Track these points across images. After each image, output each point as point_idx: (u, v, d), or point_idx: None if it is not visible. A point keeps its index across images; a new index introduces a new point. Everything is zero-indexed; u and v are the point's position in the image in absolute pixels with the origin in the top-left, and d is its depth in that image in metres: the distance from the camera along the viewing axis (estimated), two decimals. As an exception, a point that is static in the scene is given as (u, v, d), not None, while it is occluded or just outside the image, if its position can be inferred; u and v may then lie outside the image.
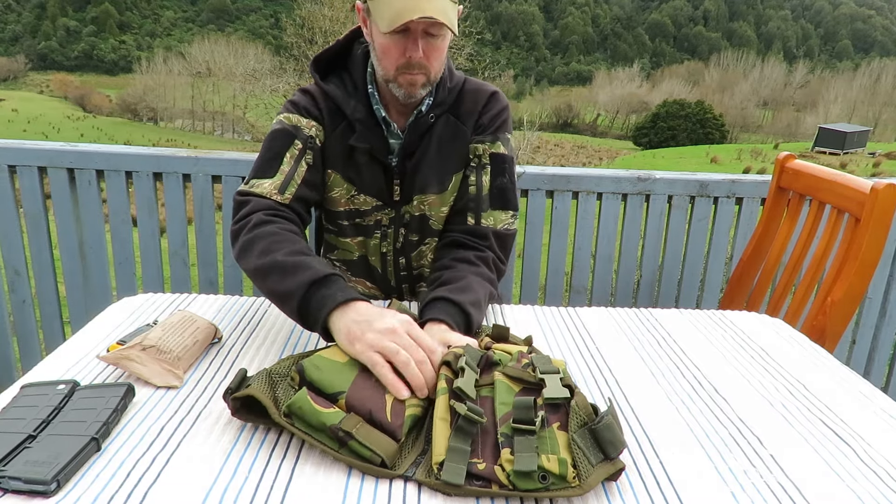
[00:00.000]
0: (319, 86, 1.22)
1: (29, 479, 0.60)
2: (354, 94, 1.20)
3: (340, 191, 1.23)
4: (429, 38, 1.09)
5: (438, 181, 1.23)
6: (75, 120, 59.63)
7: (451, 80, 1.24)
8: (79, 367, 0.86)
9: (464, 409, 0.70)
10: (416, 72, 1.10)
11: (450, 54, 1.21)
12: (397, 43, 1.08)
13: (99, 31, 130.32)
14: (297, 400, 0.70)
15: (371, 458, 0.67)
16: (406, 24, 1.04)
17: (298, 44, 18.83)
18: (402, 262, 1.31)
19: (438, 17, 1.02)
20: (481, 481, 0.65)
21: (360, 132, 1.19)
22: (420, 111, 1.20)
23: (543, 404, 0.72)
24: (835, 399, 0.88)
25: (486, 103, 1.25)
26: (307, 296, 0.89)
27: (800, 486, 0.68)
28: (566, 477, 0.64)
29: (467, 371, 0.77)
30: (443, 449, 0.68)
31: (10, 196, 1.87)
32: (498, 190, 1.23)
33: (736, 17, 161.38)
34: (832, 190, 1.43)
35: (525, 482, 0.64)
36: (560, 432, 0.69)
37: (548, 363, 0.79)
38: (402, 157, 1.21)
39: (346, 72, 1.23)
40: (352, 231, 1.28)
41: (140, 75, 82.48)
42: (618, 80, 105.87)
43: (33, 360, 1.99)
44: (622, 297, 2.02)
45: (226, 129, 69.39)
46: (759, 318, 1.18)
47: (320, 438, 0.69)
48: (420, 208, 1.25)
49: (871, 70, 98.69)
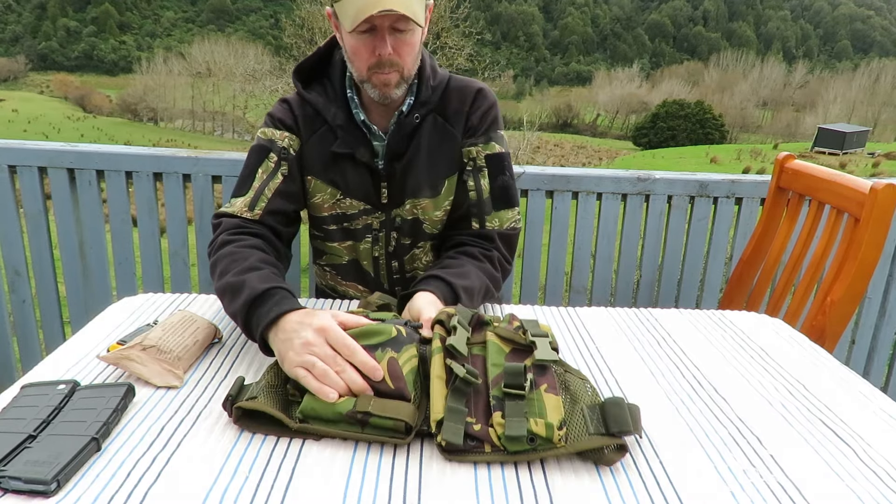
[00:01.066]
0: (300, 94, 1.22)
1: (29, 479, 0.60)
2: (335, 100, 1.20)
3: (323, 196, 1.23)
4: (396, 35, 1.08)
5: (430, 185, 1.22)
6: (75, 120, 59.64)
7: (435, 79, 1.22)
8: (79, 367, 0.86)
9: (462, 370, 0.73)
10: (389, 70, 1.09)
11: (450, 54, 1.21)
12: (365, 43, 1.08)
13: (99, 32, 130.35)
14: (307, 403, 0.73)
15: (395, 426, 0.70)
16: (371, 22, 1.03)
17: (298, 44, 18.81)
18: (395, 265, 1.31)
19: (400, 10, 1.01)
20: (475, 441, 0.69)
21: (342, 138, 1.19)
22: (402, 112, 1.19)
23: (532, 366, 0.76)
24: (835, 399, 0.88)
25: (474, 101, 1.23)
26: (247, 318, 0.89)
27: (799, 486, 0.68)
28: (552, 439, 0.68)
29: (459, 329, 0.81)
30: (441, 408, 0.71)
31: (10, 196, 1.87)
32: (500, 189, 1.23)
33: (735, 17, 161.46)
34: (832, 190, 1.43)
35: (514, 445, 0.68)
36: (548, 395, 0.73)
37: (536, 327, 0.85)
38: (389, 159, 1.21)
39: (326, 79, 1.23)
40: (339, 235, 1.28)
41: (140, 75, 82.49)
42: (617, 80, 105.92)
43: (33, 360, 1.98)
44: (622, 297, 2.02)
45: (226, 129, 69.39)
46: (758, 318, 1.18)
47: (340, 429, 0.71)
48: (413, 212, 1.25)
49: (871, 70, 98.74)
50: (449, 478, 0.67)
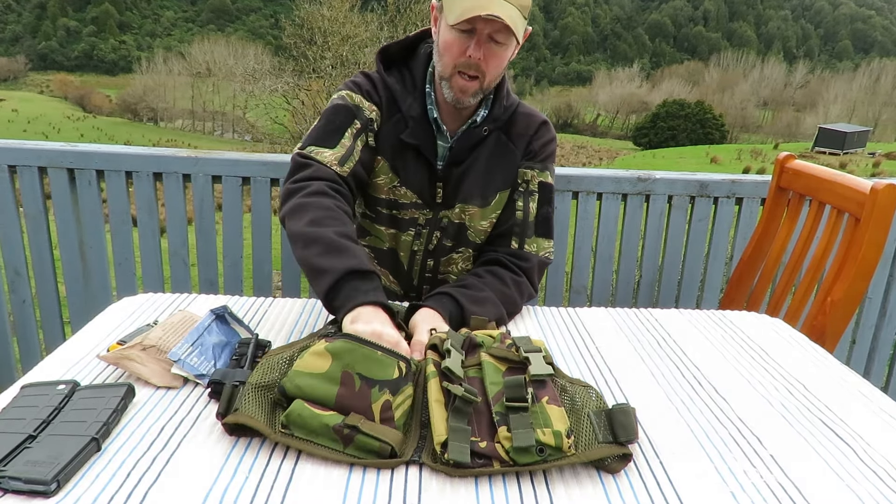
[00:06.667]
0: (381, 75, 1.24)
1: (29, 479, 0.60)
2: (412, 91, 1.23)
3: (385, 178, 1.24)
4: (492, 45, 1.10)
5: (482, 195, 1.25)
6: (75, 120, 59.64)
7: (508, 100, 1.26)
8: (79, 367, 0.86)
9: (460, 390, 0.73)
10: (472, 74, 1.12)
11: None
12: (461, 41, 1.10)
13: (99, 32, 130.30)
14: (294, 408, 0.71)
15: (380, 448, 0.68)
16: (473, 24, 1.06)
17: (297, 44, 18.82)
18: (431, 263, 1.32)
19: (505, 20, 1.03)
20: (483, 459, 0.67)
21: (412, 129, 1.21)
22: (475, 121, 1.22)
23: (530, 381, 0.76)
24: (835, 399, 0.88)
25: (538, 130, 1.28)
26: (341, 281, 0.93)
27: (799, 486, 0.68)
28: (562, 447, 0.67)
29: (453, 353, 0.80)
30: (443, 429, 0.70)
31: (10, 196, 1.87)
32: (543, 219, 1.26)
33: (736, 17, 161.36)
34: (832, 190, 1.43)
35: (524, 457, 0.67)
36: (550, 406, 0.72)
37: (529, 343, 0.85)
38: (450, 163, 1.23)
39: (406, 68, 1.25)
40: (387, 221, 1.29)
41: (140, 75, 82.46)
42: (618, 80, 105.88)
43: (33, 360, 1.98)
44: (622, 297, 2.02)
45: (226, 129, 69.39)
46: (759, 318, 1.18)
47: (322, 442, 0.69)
48: (461, 217, 1.27)
49: (871, 70, 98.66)
50: (451, 484, 0.66)
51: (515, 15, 1.06)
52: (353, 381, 0.74)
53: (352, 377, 0.74)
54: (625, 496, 0.65)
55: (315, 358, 0.75)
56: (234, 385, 0.76)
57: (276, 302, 1.14)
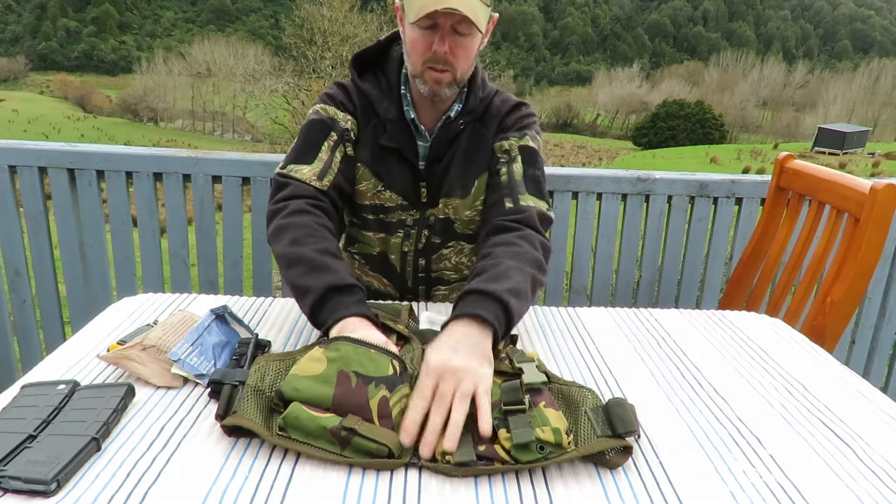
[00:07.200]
0: (355, 82, 1.25)
1: (29, 478, 0.60)
2: (388, 94, 1.23)
3: (367, 184, 1.25)
4: (457, 37, 1.10)
5: (462, 185, 1.25)
6: (75, 120, 59.61)
7: (484, 90, 1.25)
8: (79, 367, 0.87)
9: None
10: (442, 68, 1.12)
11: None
12: (425, 37, 1.10)
13: (99, 32, 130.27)
14: (291, 410, 0.71)
15: (378, 450, 0.68)
16: (434, 19, 1.06)
17: (297, 44, 18.82)
18: (422, 263, 1.32)
19: (464, 12, 1.03)
20: (484, 461, 0.68)
21: (390, 132, 1.21)
22: (449, 116, 1.22)
23: (525, 390, 0.77)
24: (834, 399, 0.88)
25: (510, 110, 1.27)
26: (324, 298, 0.92)
27: (799, 486, 0.68)
28: (562, 444, 0.68)
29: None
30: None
31: (10, 196, 1.87)
32: (532, 179, 1.20)
33: (735, 17, 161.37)
34: (832, 190, 1.43)
35: (525, 454, 0.67)
36: (547, 409, 0.73)
37: (522, 355, 0.86)
38: (430, 161, 1.23)
39: (381, 72, 1.26)
40: (374, 226, 1.30)
41: (140, 76, 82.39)
42: (617, 80, 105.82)
43: (33, 360, 1.98)
44: (622, 297, 2.02)
45: (226, 129, 69.33)
46: (758, 318, 1.18)
47: (319, 445, 0.69)
48: (445, 211, 1.27)
49: (871, 70, 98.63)
50: (451, 484, 0.67)
51: (476, 4, 1.05)
52: (349, 379, 0.74)
53: (347, 376, 0.74)
54: (624, 496, 0.65)
55: (311, 362, 0.76)
56: (234, 385, 0.76)
57: (276, 302, 1.14)
